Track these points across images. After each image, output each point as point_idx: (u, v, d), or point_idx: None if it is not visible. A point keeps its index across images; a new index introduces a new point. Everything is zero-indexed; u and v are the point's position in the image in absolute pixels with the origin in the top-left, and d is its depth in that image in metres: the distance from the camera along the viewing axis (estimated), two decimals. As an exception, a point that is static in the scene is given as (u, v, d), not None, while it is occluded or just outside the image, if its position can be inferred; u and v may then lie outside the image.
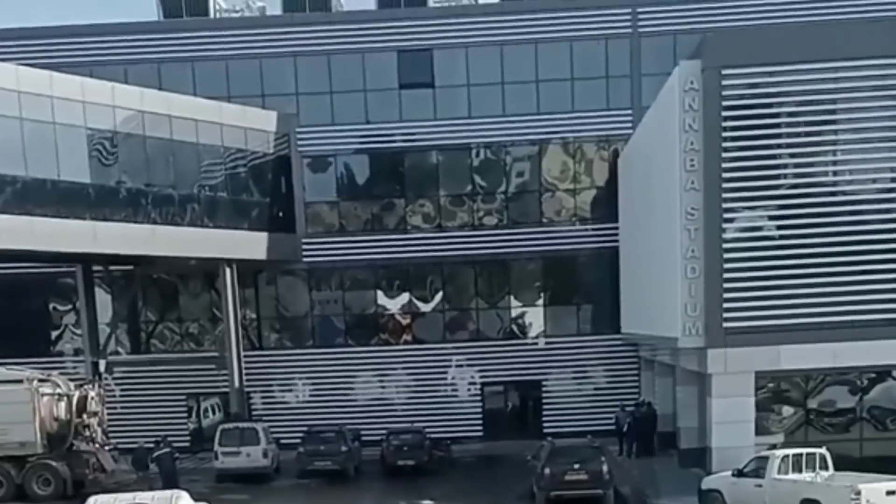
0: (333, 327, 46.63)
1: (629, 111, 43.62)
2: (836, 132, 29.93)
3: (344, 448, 38.02)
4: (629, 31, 43.89)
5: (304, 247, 45.57)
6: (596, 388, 45.39)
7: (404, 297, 46.30)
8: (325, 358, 46.01)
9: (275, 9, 46.34)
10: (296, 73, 44.84)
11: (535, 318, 46.00)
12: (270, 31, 44.78)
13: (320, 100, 44.87)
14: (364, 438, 41.08)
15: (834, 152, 30.09)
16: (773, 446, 29.32)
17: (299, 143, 45.11)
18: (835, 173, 30.17)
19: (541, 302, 46.10)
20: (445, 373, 45.81)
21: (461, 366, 45.75)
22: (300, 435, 39.36)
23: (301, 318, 46.66)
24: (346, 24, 44.88)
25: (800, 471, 26.80)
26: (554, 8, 44.17)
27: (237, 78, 44.49)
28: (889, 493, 24.98)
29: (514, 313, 46.18)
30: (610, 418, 41.55)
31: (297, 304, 46.56)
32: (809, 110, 29.78)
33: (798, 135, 30.00)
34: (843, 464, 27.38)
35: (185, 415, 46.70)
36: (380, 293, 46.30)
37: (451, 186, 45.58)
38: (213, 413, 46.72)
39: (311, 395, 46.09)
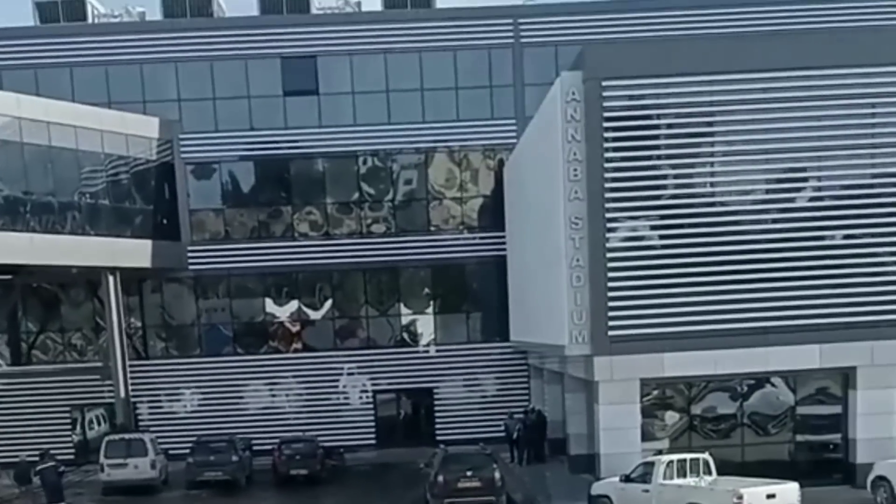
0: (221, 336, 46.18)
1: (513, 120, 44.01)
2: (713, 144, 30.41)
3: (234, 458, 37.70)
4: (511, 41, 44.23)
5: (190, 254, 45.03)
6: (487, 396, 45.70)
7: (293, 305, 45.96)
8: (213, 367, 45.53)
9: (154, 14, 45.71)
10: (178, 80, 44.25)
11: (426, 325, 46.14)
12: (151, 36, 44.07)
13: (203, 106, 44.34)
14: (255, 448, 40.91)
15: (712, 163, 30.57)
16: (659, 452, 29.90)
17: (182, 149, 44.51)
18: (713, 184, 30.61)
19: (431, 310, 46.22)
20: (337, 381, 45.71)
21: (353, 373, 45.65)
22: (189, 445, 38.77)
23: (188, 326, 46.10)
24: (228, 30, 44.39)
25: (684, 476, 27.52)
26: (437, 17, 44.46)
27: (118, 84, 43.73)
28: (769, 496, 25.88)
29: (404, 321, 46.21)
30: (501, 425, 41.91)
31: (183, 313, 46.00)
32: (688, 122, 30.20)
33: (677, 146, 30.33)
34: (725, 468, 28.24)
35: (69, 427, 45.72)
36: (268, 301, 45.92)
37: (339, 194, 45.43)
38: (99, 424, 45.90)
39: (200, 405, 45.59)
